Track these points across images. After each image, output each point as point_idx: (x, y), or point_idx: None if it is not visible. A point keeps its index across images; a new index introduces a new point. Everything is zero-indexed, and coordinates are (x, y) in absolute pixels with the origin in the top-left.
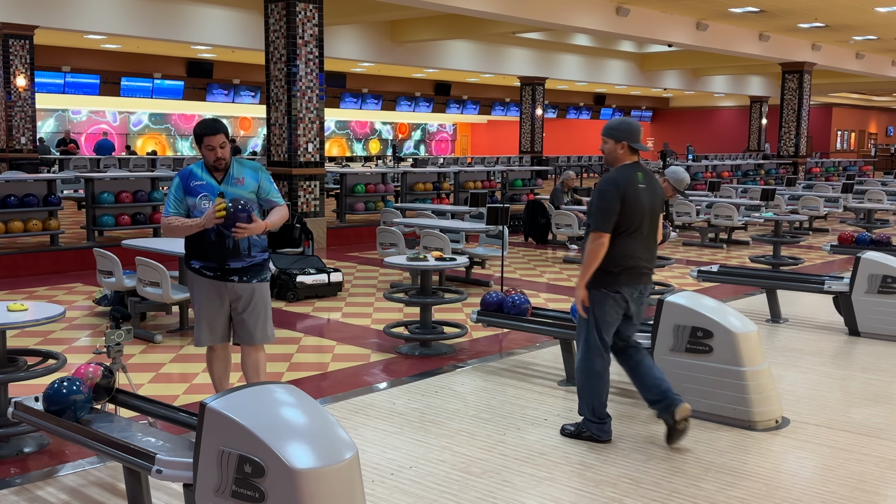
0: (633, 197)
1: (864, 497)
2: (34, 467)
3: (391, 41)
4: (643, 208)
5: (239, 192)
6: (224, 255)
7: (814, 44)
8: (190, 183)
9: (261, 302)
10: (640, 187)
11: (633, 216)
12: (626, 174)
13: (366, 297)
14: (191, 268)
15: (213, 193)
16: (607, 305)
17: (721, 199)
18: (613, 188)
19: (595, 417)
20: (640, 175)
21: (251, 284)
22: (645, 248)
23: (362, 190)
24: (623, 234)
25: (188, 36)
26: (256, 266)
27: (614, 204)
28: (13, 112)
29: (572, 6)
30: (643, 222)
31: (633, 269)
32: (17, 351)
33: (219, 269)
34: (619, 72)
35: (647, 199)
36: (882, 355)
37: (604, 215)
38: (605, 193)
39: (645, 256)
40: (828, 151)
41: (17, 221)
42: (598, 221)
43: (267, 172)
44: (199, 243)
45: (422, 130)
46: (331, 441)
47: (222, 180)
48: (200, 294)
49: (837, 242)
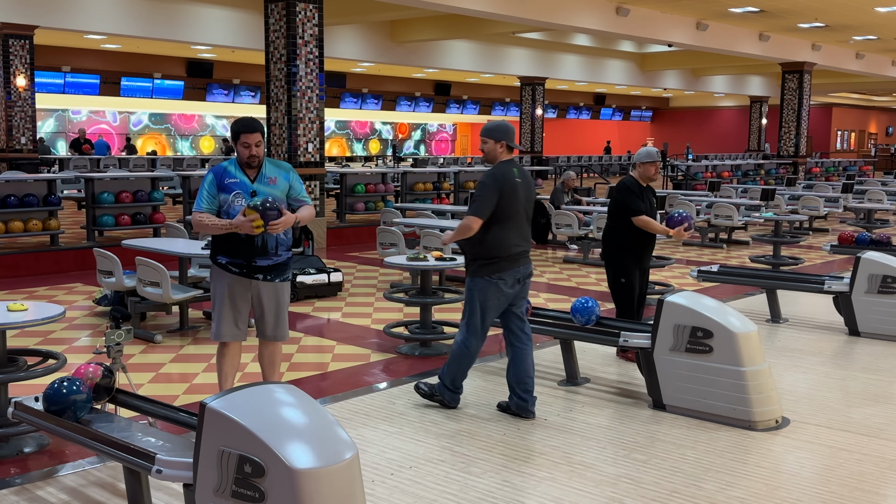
0: (510, 190)
1: (864, 497)
2: (34, 467)
3: (391, 41)
4: (518, 200)
5: (271, 191)
6: (253, 252)
7: (814, 44)
8: (224, 180)
9: (283, 300)
10: (517, 181)
11: (509, 207)
12: (503, 170)
13: (366, 297)
14: (217, 263)
15: (246, 191)
16: (490, 292)
17: (721, 199)
18: (492, 182)
19: (452, 387)
20: (515, 171)
21: (275, 283)
22: (520, 235)
23: (362, 190)
24: (501, 223)
25: (188, 36)
26: (282, 265)
27: (493, 196)
28: (13, 112)
29: (572, 6)
30: (518, 212)
31: (512, 255)
32: (17, 351)
33: (245, 266)
34: (619, 72)
35: (523, 192)
36: (882, 355)
37: (482, 204)
38: (485, 186)
39: (520, 242)
40: (828, 151)
41: (17, 221)
42: (476, 209)
43: (296, 173)
44: (228, 240)
45: (422, 130)
46: (331, 441)
47: (255, 179)
48: (225, 288)
49: (837, 242)
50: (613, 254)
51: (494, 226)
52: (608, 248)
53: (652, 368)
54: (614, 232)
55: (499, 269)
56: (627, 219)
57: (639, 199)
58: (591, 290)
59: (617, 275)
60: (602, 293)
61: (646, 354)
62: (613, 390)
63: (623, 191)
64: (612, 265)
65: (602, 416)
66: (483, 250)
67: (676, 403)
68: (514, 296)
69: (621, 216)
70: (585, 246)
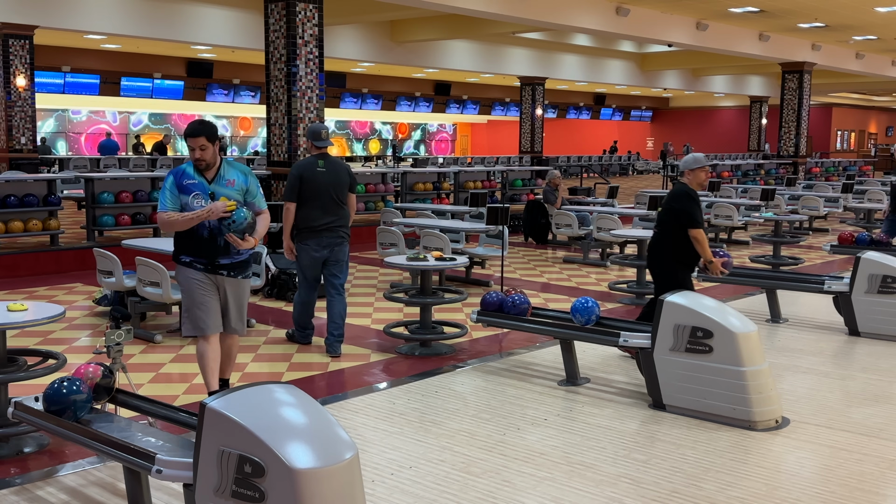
0: (310, 177)
1: (864, 497)
2: (34, 467)
3: (391, 41)
4: (319, 185)
5: (228, 193)
6: (215, 252)
7: (814, 44)
8: (183, 181)
9: (243, 296)
10: (319, 171)
11: (310, 191)
12: (307, 162)
13: (366, 297)
14: (180, 262)
15: (205, 192)
16: (303, 253)
17: (721, 199)
18: (295, 171)
19: (299, 327)
20: (321, 162)
21: (238, 280)
22: (324, 214)
23: (362, 190)
24: (306, 204)
25: (188, 36)
26: (244, 262)
27: (294, 182)
28: (13, 112)
29: (572, 6)
30: (320, 195)
31: (314, 228)
32: (17, 351)
33: (209, 264)
34: (619, 72)
35: (325, 180)
36: (882, 355)
37: (288, 190)
38: (290, 175)
39: (322, 218)
40: (828, 151)
41: (17, 221)
42: (286, 194)
43: (255, 177)
44: (191, 240)
45: (422, 130)
46: (331, 441)
47: (213, 180)
48: (195, 283)
49: (837, 242)
50: (667, 267)
51: (302, 206)
52: (661, 261)
53: (652, 368)
54: (668, 243)
55: (306, 238)
56: (684, 230)
57: (699, 210)
58: (591, 290)
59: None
60: (602, 293)
61: (646, 354)
62: (613, 390)
63: (683, 199)
64: (664, 280)
65: (602, 416)
66: (297, 223)
67: (676, 403)
68: (324, 258)
69: (678, 226)
70: (585, 246)
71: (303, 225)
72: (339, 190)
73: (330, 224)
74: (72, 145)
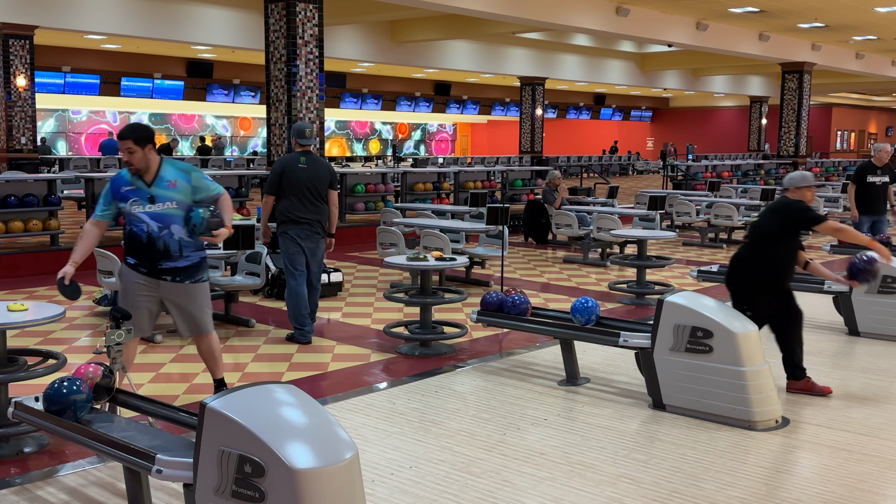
0: (291, 172)
1: (864, 497)
2: (34, 467)
3: (391, 41)
4: (300, 179)
5: (170, 195)
6: (156, 256)
7: (814, 44)
8: (120, 188)
9: (197, 301)
10: (300, 167)
11: (291, 185)
12: (290, 157)
13: (366, 297)
14: (127, 263)
15: (144, 197)
16: (286, 242)
17: (721, 199)
18: (277, 166)
19: (297, 324)
20: (303, 159)
21: (184, 285)
22: (304, 207)
23: (362, 190)
24: (286, 197)
25: (188, 36)
26: (192, 267)
27: (275, 176)
28: (13, 112)
29: (572, 6)
30: (301, 190)
31: (294, 219)
32: (17, 351)
33: (151, 269)
34: (619, 72)
35: (305, 175)
36: (882, 355)
37: (268, 183)
38: (272, 170)
39: (302, 211)
40: (828, 151)
41: (17, 221)
42: (266, 188)
43: (199, 171)
44: (133, 242)
45: (422, 130)
46: (331, 441)
47: (152, 183)
48: (133, 288)
49: (837, 242)
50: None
51: (282, 199)
52: (742, 279)
53: (652, 368)
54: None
55: (287, 229)
56: (772, 247)
57: None
58: (591, 290)
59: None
60: (602, 293)
61: (646, 354)
62: (613, 390)
63: (794, 205)
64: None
65: (602, 416)
66: (278, 215)
67: (676, 403)
68: (305, 248)
69: (769, 242)
70: (585, 246)
71: (284, 217)
72: (319, 185)
73: (309, 219)
74: (72, 145)
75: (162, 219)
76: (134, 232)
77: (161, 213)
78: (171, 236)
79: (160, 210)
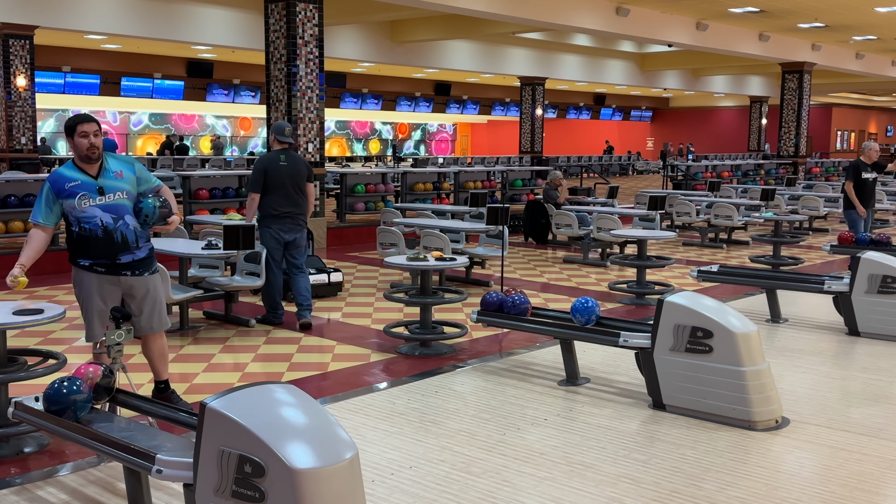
0: (274, 169)
1: (864, 497)
2: (34, 467)
3: (391, 41)
4: (282, 177)
5: (119, 185)
6: (114, 249)
7: (814, 44)
8: (64, 186)
9: (156, 293)
10: (281, 164)
11: (274, 182)
12: (271, 156)
13: (366, 297)
14: (78, 265)
15: (92, 190)
16: (268, 236)
17: (721, 199)
18: (260, 164)
19: (270, 309)
20: (282, 157)
21: (144, 278)
22: (287, 202)
23: (362, 190)
24: (270, 193)
25: (188, 36)
26: (148, 259)
27: (259, 174)
28: (13, 112)
29: (572, 6)
30: (283, 186)
31: (277, 214)
32: (17, 351)
33: (110, 265)
34: (619, 72)
35: (287, 171)
36: (882, 355)
37: (253, 181)
38: (255, 168)
39: (285, 206)
40: (828, 151)
41: (17, 221)
42: (251, 185)
43: (140, 164)
44: (85, 242)
45: (422, 130)
46: (331, 441)
47: (98, 175)
48: (92, 289)
49: (837, 242)
50: None
51: (266, 195)
52: None
53: (652, 368)
54: None
55: (269, 224)
56: None
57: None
58: (591, 290)
59: None
60: (602, 293)
61: (646, 354)
62: (613, 390)
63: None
64: None
65: (602, 416)
66: (262, 211)
67: (676, 403)
68: (286, 242)
69: None
70: (585, 246)
71: (267, 212)
72: (299, 180)
73: (291, 212)
74: None
75: (115, 210)
76: (85, 229)
77: (113, 205)
78: (127, 227)
79: (111, 201)
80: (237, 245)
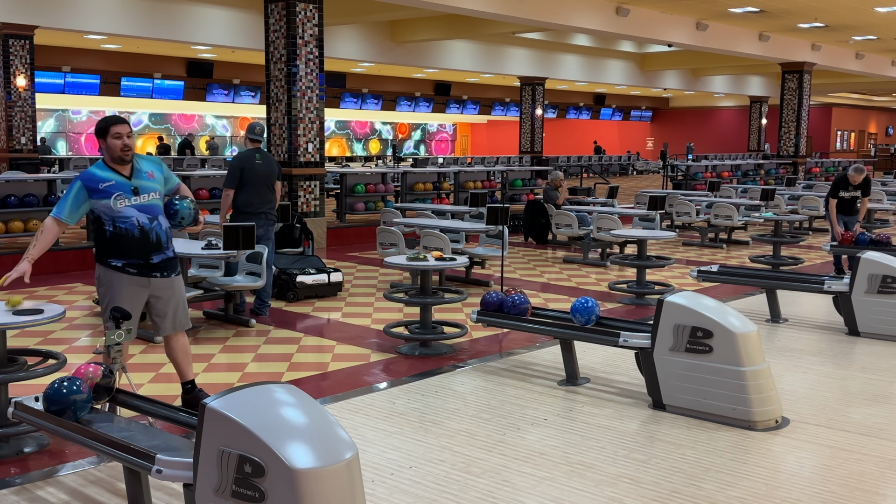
0: (249, 167)
1: (864, 497)
2: (34, 467)
3: (391, 41)
4: (257, 175)
5: (152, 186)
6: (149, 249)
7: (814, 44)
8: (98, 186)
9: (180, 293)
10: (257, 162)
11: (249, 179)
12: (247, 154)
13: (366, 297)
14: (110, 266)
15: (127, 190)
16: None
17: (721, 199)
18: (237, 162)
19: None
20: (257, 156)
21: (171, 279)
22: (260, 198)
23: (362, 190)
24: (245, 190)
25: (188, 36)
26: (173, 260)
27: (236, 172)
28: (13, 112)
29: (572, 6)
30: (257, 183)
31: (250, 211)
32: (17, 351)
33: (143, 265)
34: (619, 72)
35: (261, 169)
36: (882, 355)
37: (230, 178)
38: (232, 165)
39: (257, 202)
40: (828, 151)
41: (17, 221)
42: (227, 182)
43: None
44: (121, 241)
45: (422, 130)
46: (331, 441)
47: (130, 175)
48: (123, 290)
49: (837, 242)
50: None
51: (241, 192)
52: None
53: (652, 368)
54: None
55: (244, 219)
56: None
57: None
58: (591, 290)
59: None
60: (602, 293)
61: (646, 354)
62: (613, 390)
63: None
64: None
65: (602, 416)
66: (237, 206)
67: (676, 403)
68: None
69: None
70: (585, 246)
71: (242, 209)
72: (271, 178)
73: (263, 209)
74: (72, 145)
75: (150, 210)
76: (122, 229)
77: (148, 205)
78: (161, 227)
79: (146, 202)
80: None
